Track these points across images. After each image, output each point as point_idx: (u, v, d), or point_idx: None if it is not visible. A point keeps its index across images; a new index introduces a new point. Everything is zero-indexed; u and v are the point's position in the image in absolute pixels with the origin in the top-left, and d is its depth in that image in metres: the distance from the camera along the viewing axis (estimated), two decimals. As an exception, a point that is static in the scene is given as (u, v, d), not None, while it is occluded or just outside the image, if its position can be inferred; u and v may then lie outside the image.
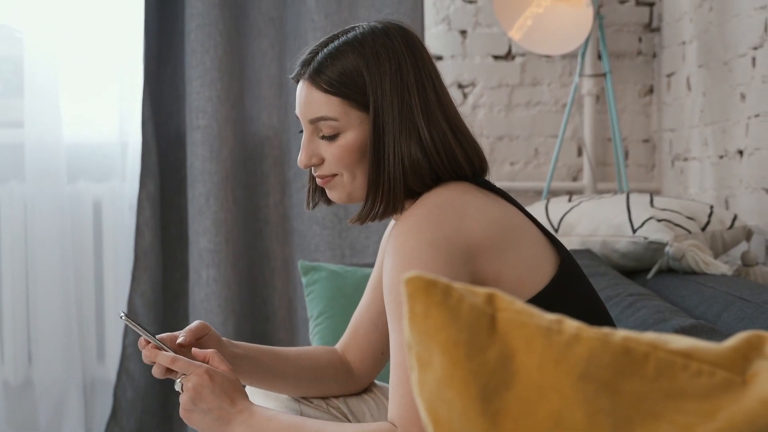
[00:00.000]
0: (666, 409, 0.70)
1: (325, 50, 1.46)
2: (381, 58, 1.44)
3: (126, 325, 3.03)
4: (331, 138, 1.46)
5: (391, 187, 1.44)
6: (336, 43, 1.47)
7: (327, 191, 1.52)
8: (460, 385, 0.70)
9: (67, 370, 3.02)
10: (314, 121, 1.46)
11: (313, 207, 1.61)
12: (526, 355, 0.71)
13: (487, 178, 1.52)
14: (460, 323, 0.71)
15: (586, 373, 0.69)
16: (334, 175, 1.48)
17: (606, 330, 0.72)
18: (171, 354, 1.44)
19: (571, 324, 0.72)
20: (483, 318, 0.72)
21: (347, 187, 1.48)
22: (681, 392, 0.70)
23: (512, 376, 0.70)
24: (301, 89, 1.48)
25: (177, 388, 1.44)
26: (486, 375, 0.70)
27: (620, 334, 0.72)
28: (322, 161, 1.48)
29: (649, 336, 0.72)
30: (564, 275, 1.41)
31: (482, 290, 0.73)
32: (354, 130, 1.44)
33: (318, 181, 1.51)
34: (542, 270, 1.40)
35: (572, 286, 1.43)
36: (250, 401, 1.42)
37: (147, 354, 1.46)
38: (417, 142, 1.43)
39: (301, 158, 1.49)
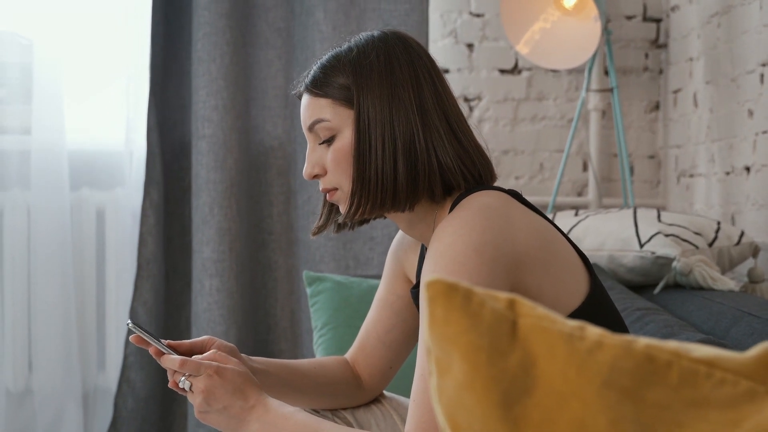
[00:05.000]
0: (689, 418, 0.69)
1: (320, 61, 1.48)
2: (369, 53, 1.43)
3: (127, 335, 3.01)
4: (329, 142, 1.45)
5: (378, 182, 1.40)
6: (331, 52, 1.48)
7: (339, 207, 1.50)
8: (481, 391, 0.69)
9: (67, 378, 3.00)
10: (311, 128, 1.46)
11: (316, 233, 1.58)
12: (548, 361, 0.69)
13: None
14: (481, 328, 0.70)
15: (609, 381, 0.68)
16: (336, 189, 1.47)
17: (628, 337, 0.71)
18: (178, 357, 1.43)
19: (594, 330, 0.71)
20: (504, 323, 0.70)
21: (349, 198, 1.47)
22: (705, 401, 0.69)
23: (533, 383, 0.69)
24: (302, 102, 1.50)
25: (182, 385, 1.43)
26: (507, 381, 0.69)
27: (643, 341, 0.71)
28: (325, 171, 1.47)
29: (672, 344, 0.71)
30: (597, 293, 1.39)
31: (503, 295, 0.72)
32: (348, 129, 1.43)
33: (327, 196, 1.50)
34: (578, 287, 1.37)
35: (604, 305, 1.41)
36: (263, 394, 1.41)
37: (157, 358, 1.46)
38: (408, 136, 1.39)
39: (305, 169, 1.48)
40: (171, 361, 1.42)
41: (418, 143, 1.40)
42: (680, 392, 0.69)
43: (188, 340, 1.52)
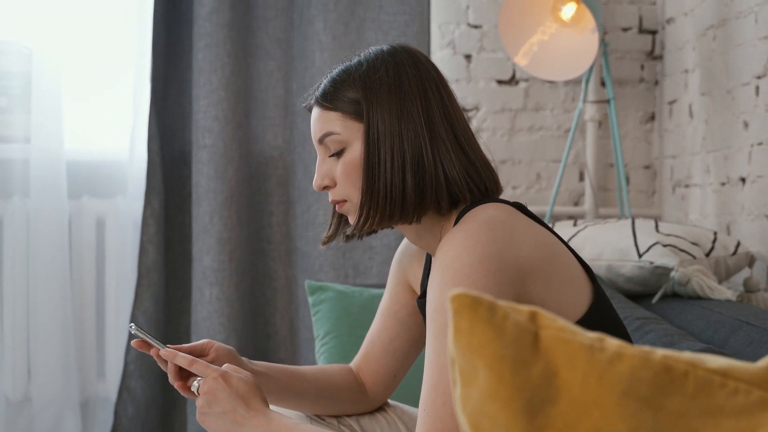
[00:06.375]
0: (705, 426, 0.71)
1: (330, 75, 1.51)
2: (379, 68, 1.46)
3: (128, 342, 3.03)
4: (339, 154, 1.47)
5: (387, 194, 1.42)
6: (341, 66, 1.51)
7: (348, 218, 1.53)
8: (505, 400, 0.72)
9: (66, 386, 3.01)
10: (321, 140, 1.49)
11: (326, 243, 1.61)
12: (569, 371, 0.72)
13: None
14: (505, 340, 0.73)
15: (629, 390, 0.71)
16: (345, 200, 1.49)
17: (646, 348, 0.74)
18: (189, 356, 1.46)
19: (613, 342, 0.73)
20: (527, 335, 0.73)
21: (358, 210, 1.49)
22: (719, 410, 0.72)
23: (556, 393, 0.72)
24: (312, 115, 1.52)
25: (193, 389, 1.46)
26: (530, 390, 0.72)
27: (660, 352, 0.73)
28: (334, 183, 1.50)
29: (688, 355, 0.74)
30: (600, 303, 1.41)
31: (525, 308, 0.75)
32: (358, 142, 1.45)
33: (336, 207, 1.52)
34: (581, 298, 1.39)
35: (607, 314, 1.43)
36: (266, 406, 1.42)
37: (165, 354, 1.47)
38: (416, 149, 1.42)
39: (315, 180, 1.51)
40: (182, 359, 1.45)
41: (425, 156, 1.42)
42: (696, 401, 0.72)
43: (188, 344, 1.55)
